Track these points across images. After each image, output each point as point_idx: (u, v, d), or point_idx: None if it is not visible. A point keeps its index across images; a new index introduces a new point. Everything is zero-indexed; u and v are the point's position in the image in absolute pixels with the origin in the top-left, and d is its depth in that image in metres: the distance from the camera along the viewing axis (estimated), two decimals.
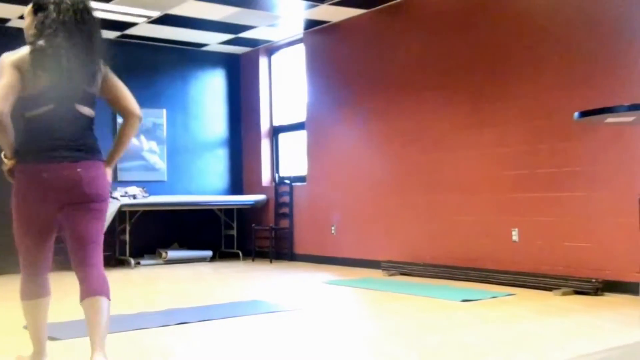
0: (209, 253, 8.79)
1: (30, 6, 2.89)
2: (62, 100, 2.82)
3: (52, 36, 2.79)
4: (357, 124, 7.72)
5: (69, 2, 2.85)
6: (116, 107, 3.06)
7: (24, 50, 2.78)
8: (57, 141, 2.80)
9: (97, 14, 2.97)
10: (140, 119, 3.06)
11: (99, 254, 2.90)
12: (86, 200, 2.83)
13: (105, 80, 2.99)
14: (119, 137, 3.05)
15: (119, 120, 9.49)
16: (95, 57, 2.93)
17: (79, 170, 2.80)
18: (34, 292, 2.98)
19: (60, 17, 2.81)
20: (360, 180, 7.65)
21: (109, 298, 2.85)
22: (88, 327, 2.80)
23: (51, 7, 2.82)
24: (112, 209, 7.84)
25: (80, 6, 2.88)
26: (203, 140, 9.30)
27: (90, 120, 2.95)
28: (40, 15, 2.83)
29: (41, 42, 2.78)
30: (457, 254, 6.48)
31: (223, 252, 9.20)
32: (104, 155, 2.99)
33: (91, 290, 2.84)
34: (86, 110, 2.92)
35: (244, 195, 9.22)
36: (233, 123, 9.56)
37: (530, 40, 5.91)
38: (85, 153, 2.85)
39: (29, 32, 2.87)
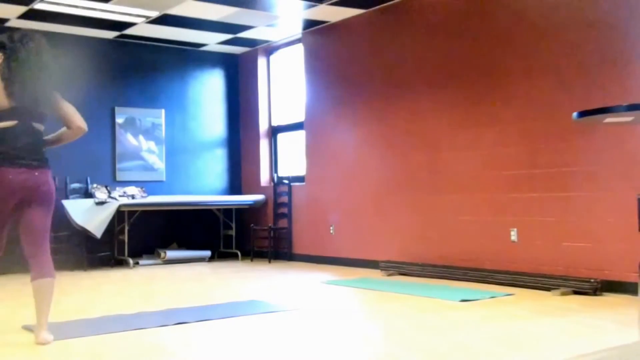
0: (208, 253, 8.79)
1: None
2: (23, 118, 3.60)
3: (18, 68, 3.58)
4: (355, 124, 7.72)
5: (30, 42, 3.65)
6: (65, 123, 3.81)
7: None
8: (18, 151, 3.57)
9: (48, 51, 3.76)
10: (84, 131, 3.83)
11: (48, 242, 3.69)
12: (40, 199, 3.62)
13: (55, 102, 3.74)
14: (60, 136, 3.83)
15: (118, 120, 9.51)
16: (48, 84, 3.70)
17: (36, 174, 3.60)
18: None
19: (23, 54, 3.61)
20: (359, 180, 7.65)
21: (54, 277, 3.68)
22: (38, 301, 3.59)
23: (18, 45, 3.62)
24: (110, 208, 7.84)
25: (39, 44, 3.68)
26: (202, 140, 9.29)
27: (41, 134, 3.73)
28: (6, 51, 3.61)
29: (9, 73, 3.56)
30: (456, 254, 6.48)
31: (222, 252, 9.20)
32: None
33: (45, 272, 3.61)
34: (39, 127, 3.70)
35: (243, 196, 9.22)
36: (232, 123, 9.56)
37: (529, 40, 5.91)
38: (39, 162, 3.65)
39: None
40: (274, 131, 9.32)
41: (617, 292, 5.16)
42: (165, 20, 7.73)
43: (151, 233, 8.66)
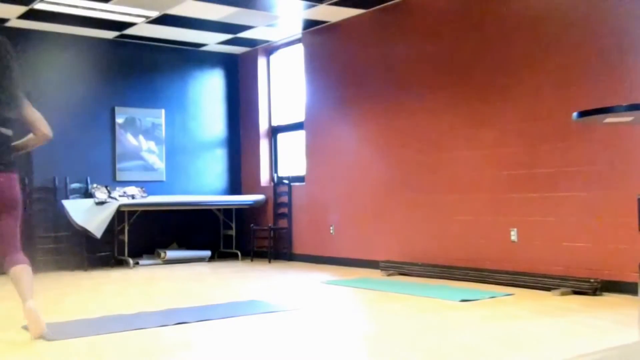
0: (208, 253, 8.79)
1: None
2: None
3: None
4: (355, 124, 7.72)
5: None
6: (31, 129, 3.84)
7: None
8: None
9: (13, 55, 3.81)
10: (49, 138, 3.86)
11: (17, 241, 3.79)
12: (5, 203, 3.68)
13: (21, 107, 3.76)
14: (27, 142, 3.86)
15: (118, 120, 9.50)
16: (15, 89, 3.73)
17: (1, 180, 3.64)
18: None
19: None
20: (359, 180, 7.66)
21: (30, 265, 3.75)
22: (18, 286, 3.64)
23: None
24: (110, 208, 7.84)
25: (3, 48, 3.72)
26: (202, 140, 9.30)
27: (8, 138, 3.74)
28: None
29: None
30: (456, 254, 6.49)
31: (222, 252, 9.21)
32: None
33: (19, 260, 3.71)
34: (6, 131, 3.71)
35: (243, 195, 9.22)
36: (232, 123, 9.57)
37: (529, 40, 5.91)
38: (4, 166, 3.68)
39: None
40: (274, 131, 9.32)
41: (617, 292, 5.16)
42: (165, 20, 7.73)
43: (151, 233, 8.66)
